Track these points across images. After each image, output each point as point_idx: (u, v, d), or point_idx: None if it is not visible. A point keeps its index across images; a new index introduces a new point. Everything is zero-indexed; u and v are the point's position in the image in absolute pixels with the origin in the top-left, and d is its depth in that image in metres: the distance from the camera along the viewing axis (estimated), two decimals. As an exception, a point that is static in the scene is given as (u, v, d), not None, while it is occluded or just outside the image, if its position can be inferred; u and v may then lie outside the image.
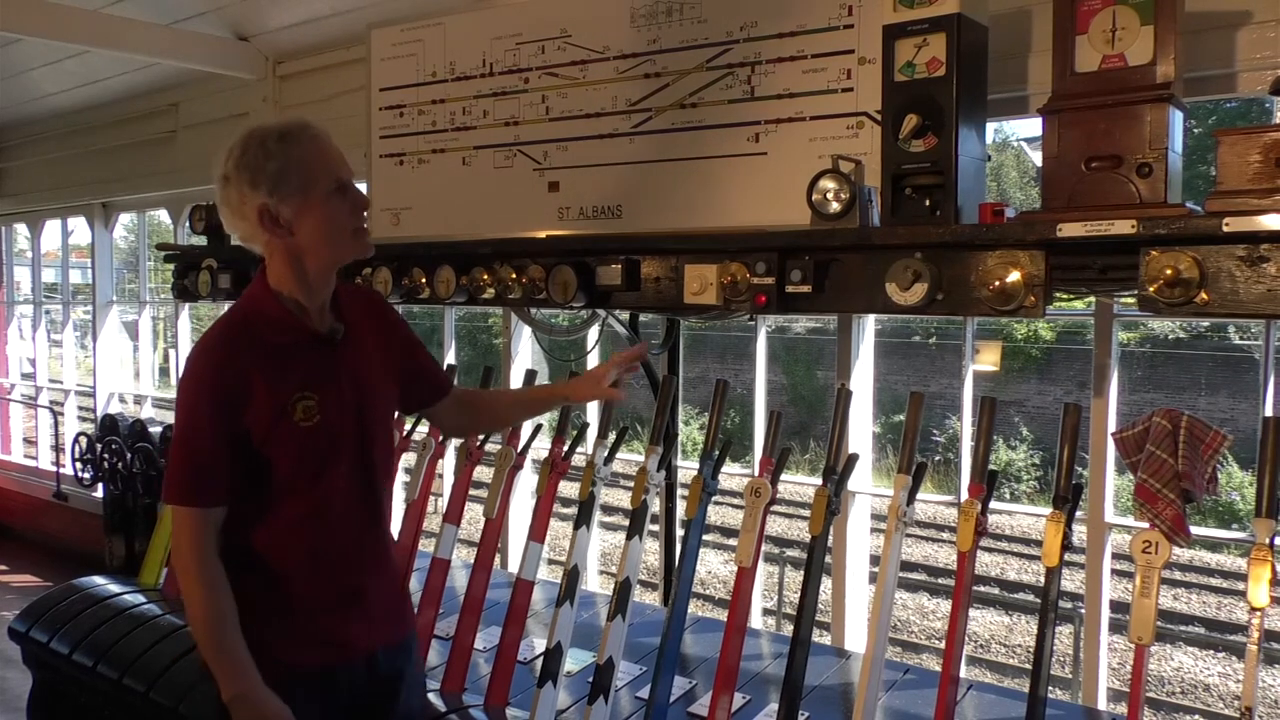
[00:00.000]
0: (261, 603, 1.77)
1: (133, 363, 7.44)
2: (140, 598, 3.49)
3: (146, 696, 2.99)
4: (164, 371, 11.92)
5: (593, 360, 3.82)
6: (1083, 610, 2.94)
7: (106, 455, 5.57)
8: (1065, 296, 2.34)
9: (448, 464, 3.93)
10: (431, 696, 2.68)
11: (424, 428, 3.21)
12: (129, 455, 5.40)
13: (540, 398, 2.44)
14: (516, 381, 3.91)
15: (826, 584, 2.98)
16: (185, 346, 5.95)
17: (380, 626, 1.91)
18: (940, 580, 10.27)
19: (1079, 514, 2.16)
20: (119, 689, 3.07)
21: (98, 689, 3.17)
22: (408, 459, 3.22)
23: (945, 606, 9.54)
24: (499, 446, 2.96)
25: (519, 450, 2.93)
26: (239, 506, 1.77)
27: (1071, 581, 7.24)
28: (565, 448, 2.85)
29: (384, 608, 1.93)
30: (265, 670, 1.74)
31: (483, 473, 3.07)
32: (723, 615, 2.58)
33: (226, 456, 1.73)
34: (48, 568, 6.30)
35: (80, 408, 7.16)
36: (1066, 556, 2.11)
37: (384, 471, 1.96)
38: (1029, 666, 2.16)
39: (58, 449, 6.60)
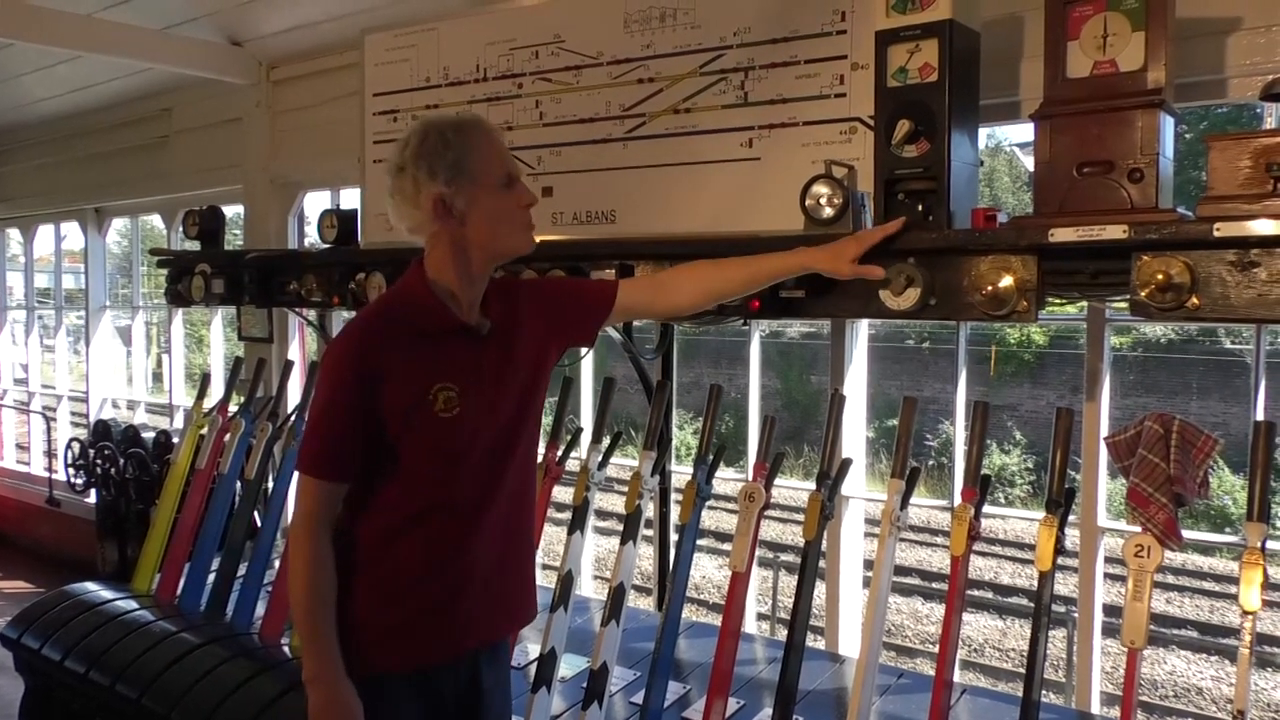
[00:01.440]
0: (369, 588, 1.79)
1: (126, 368, 7.41)
2: (133, 604, 3.47)
3: (139, 703, 2.97)
4: (157, 377, 11.88)
5: (586, 364, 3.82)
6: (1076, 614, 2.95)
7: (99, 461, 5.55)
8: (1057, 301, 2.35)
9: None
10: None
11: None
12: (122, 461, 5.38)
13: (776, 267, 2.09)
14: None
15: (820, 589, 2.98)
16: (179, 351, 5.93)
17: (486, 622, 1.91)
18: (934, 585, 10.28)
19: (1072, 518, 2.16)
20: (111, 696, 3.06)
21: (90, 696, 3.16)
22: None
23: (939, 611, 9.54)
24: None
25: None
26: (368, 489, 1.79)
27: (1064, 585, 7.23)
28: (559, 452, 2.84)
29: (497, 603, 1.93)
30: (371, 668, 1.77)
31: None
32: (717, 620, 2.58)
33: (360, 437, 1.76)
34: (40, 573, 6.27)
35: (73, 413, 7.14)
36: (1059, 560, 2.12)
37: (522, 469, 1.94)
38: (1022, 671, 2.16)
39: (50, 454, 6.58)
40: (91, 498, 5.81)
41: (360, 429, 1.76)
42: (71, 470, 5.87)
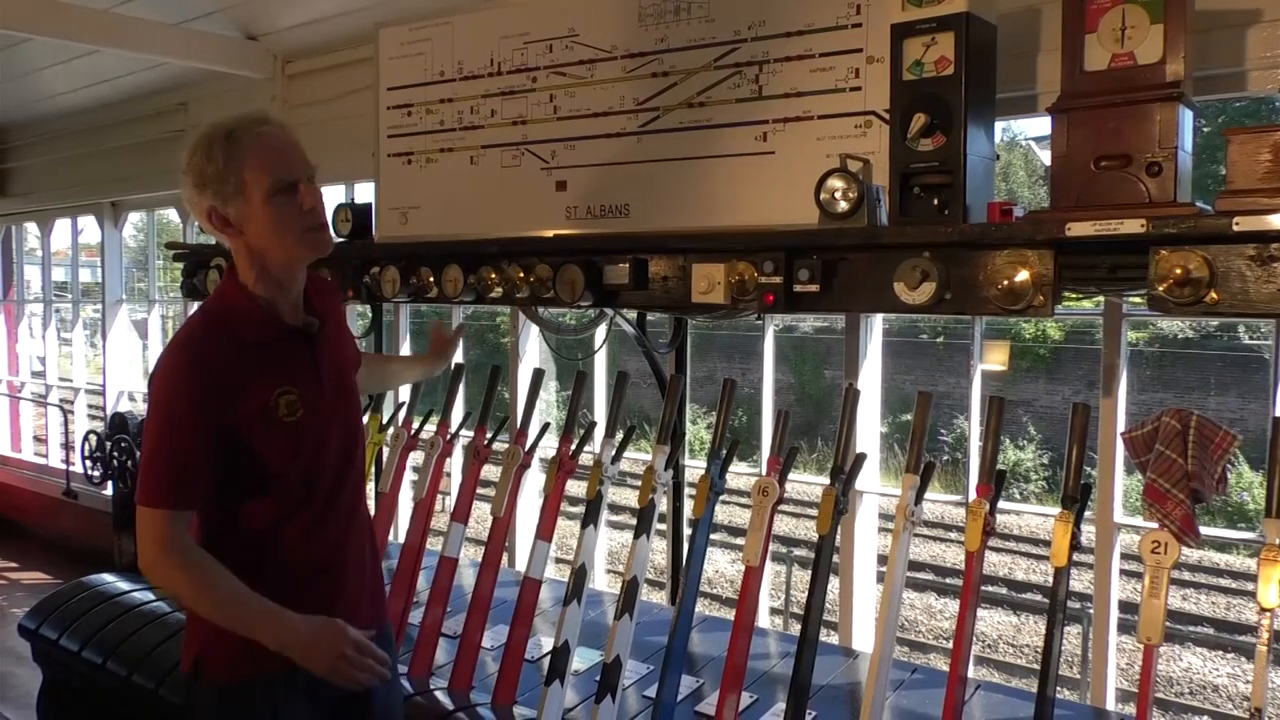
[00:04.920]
0: None
1: (142, 361, 7.46)
2: (149, 595, 3.50)
3: (155, 693, 3.00)
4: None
5: (600, 359, 3.82)
6: (1091, 610, 2.94)
7: (116, 453, 5.60)
8: (1074, 296, 2.33)
9: (455, 462, 3.93)
10: (439, 694, 2.69)
11: (431, 426, 3.22)
12: (138, 453, 5.42)
13: (410, 367, 2.80)
14: (524, 381, 3.91)
15: (834, 583, 2.98)
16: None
17: (360, 617, 1.89)
18: (948, 580, 10.25)
19: (1088, 514, 2.15)
20: (128, 686, 3.08)
21: (107, 686, 3.19)
22: (415, 458, 3.22)
23: (953, 606, 9.52)
24: (506, 445, 2.96)
25: (526, 449, 2.94)
26: (218, 504, 1.75)
27: (1080, 582, 7.20)
28: (573, 447, 2.85)
29: (366, 595, 1.95)
30: (247, 673, 1.75)
31: (490, 471, 3.08)
32: (730, 614, 2.58)
33: (207, 456, 1.70)
34: (57, 565, 6.32)
35: (90, 406, 7.19)
36: (1075, 556, 2.11)
37: (361, 461, 1.98)
38: (1037, 667, 2.15)
39: (67, 447, 6.63)
40: (108, 490, 5.85)
41: (206, 449, 1.69)
42: (89, 463, 5.92)
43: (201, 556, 1.72)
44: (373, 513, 2.63)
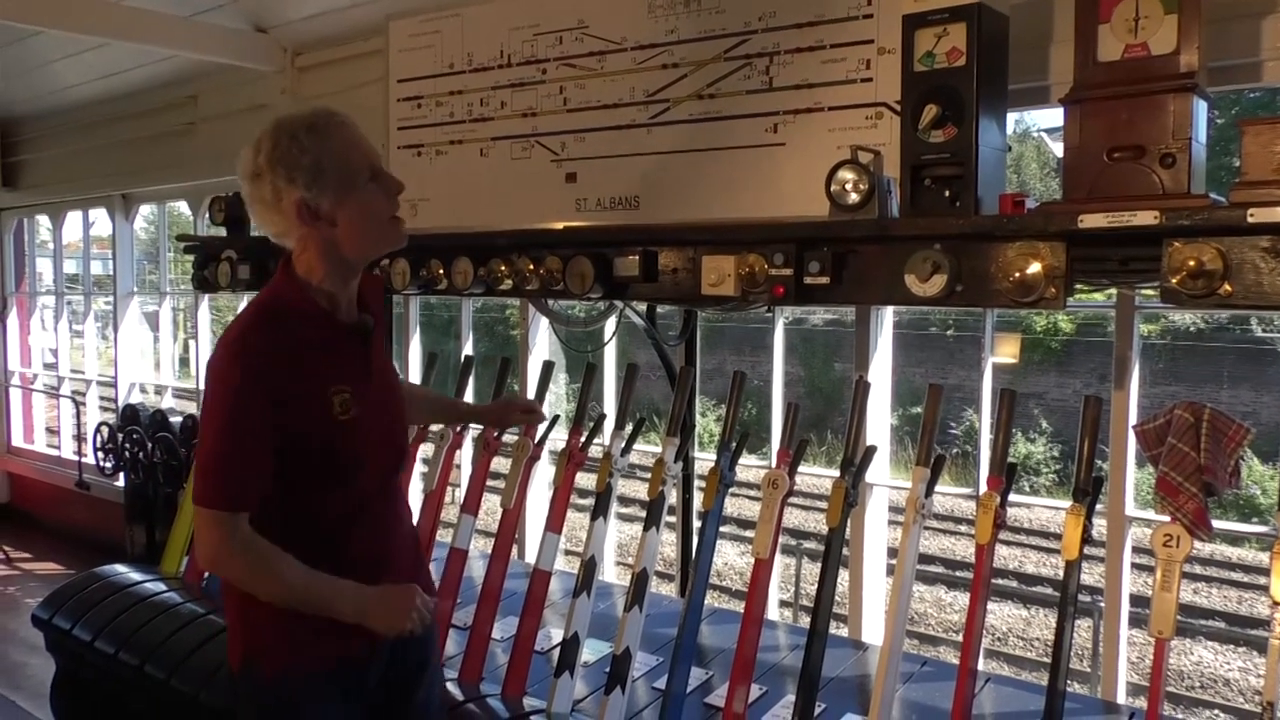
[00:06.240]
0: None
1: (153, 353, 7.50)
2: (161, 586, 3.52)
3: (167, 684, 3.01)
4: (184, 362, 12.00)
5: (610, 351, 3.82)
6: (1102, 604, 2.93)
7: (128, 445, 5.62)
8: (1086, 288, 2.32)
9: (465, 454, 3.94)
10: (449, 685, 2.69)
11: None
12: (150, 445, 5.45)
13: (450, 407, 2.80)
14: (534, 373, 3.91)
15: (844, 576, 2.97)
16: (205, 337, 5.98)
17: None
18: (958, 573, 10.24)
19: (1099, 507, 2.14)
20: (140, 676, 3.10)
21: (119, 676, 3.20)
22: (425, 449, 3.22)
23: (963, 599, 9.51)
24: (515, 437, 2.97)
25: (536, 441, 2.94)
26: (271, 501, 1.74)
27: (1091, 575, 7.20)
28: (583, 439, 2.85)
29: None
30: (294, 670, 1.76)
31: (500, 463, 3.08)
32: (739, 607, 2.58)
33: (264, 457, 1.69)
34: (70, 556, 6.36)
35: (102, 398, 7.22)
36: (1086, 550, 2.10)
37: (408, 460, 2.00)
38: (1047, 660, 2.15)
39: (79, 438, 6.66)
40: (120, 481, 5.88)
41: (263, 450, 1.68)
42: (100, 454, 5.94)
43: (263, 545, 1.70)
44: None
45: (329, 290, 1.79)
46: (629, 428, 2.77)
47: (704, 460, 3.04)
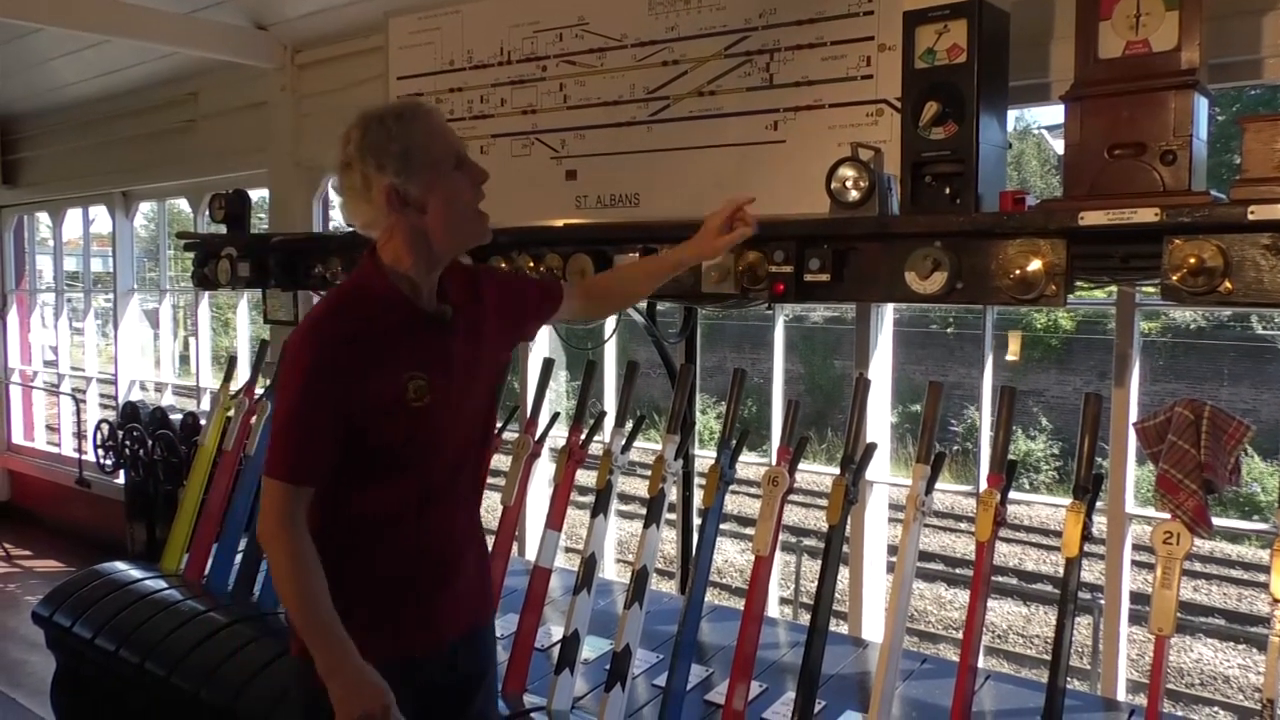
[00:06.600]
0: (350, 584, 1.75)
1: (153, 350, 7.50)
2: (162, 583, 3.51)
3: (168, 681, 3.01)
4: (184, 359, 11.99)
5: (610, 349, 3.82)
6: (1102, 601, 2.93)
7: (128, 442, 5.62)
8: (1086, 285, 2.32)
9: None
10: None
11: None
12: (150, 442, 5.44)
13: (664, 267, 2.30)
14: (534, 372, 3.91)
15: (844, 573, 2.97)
16: (205, 334, 5.98)
17: (466, 610, 1.92)
18: (958, 570, 10.23)
19: (1099, 504, 2.14)
20: (141, 673, 3.10)
21: (120, 673, 3.20)
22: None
23: (963, 597, 9.51)
24: (516, 434, 2.96)
25: (536, 438, 2.94)
26: (336, 487, 1.75)
27: (1091, 572, 7.20)
28: (583, 436, 2.85)
29: (472, 590, 1.95)
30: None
31: (500, 461, 3.08)
32: (739, 604, 2.58)
33: (333, 435, 1.71)
34: (70, 553, 6.36)
35: (102, 395, 7.22)
36: (1086, 547, 2.10)
37: (485, 455, 1.97)
38: (1047, 657, 2.16)
39: (80, 436, 6.66)
40: (120, 479, 5.88)
41: (333, 427, 1.71)
42: (101, 451, 5.94)
43: (308, 547, 1.70)
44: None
45: (412, 278, 1.80)
46: (629, 425, 2.77)
47: (704, 457, 3.04)
